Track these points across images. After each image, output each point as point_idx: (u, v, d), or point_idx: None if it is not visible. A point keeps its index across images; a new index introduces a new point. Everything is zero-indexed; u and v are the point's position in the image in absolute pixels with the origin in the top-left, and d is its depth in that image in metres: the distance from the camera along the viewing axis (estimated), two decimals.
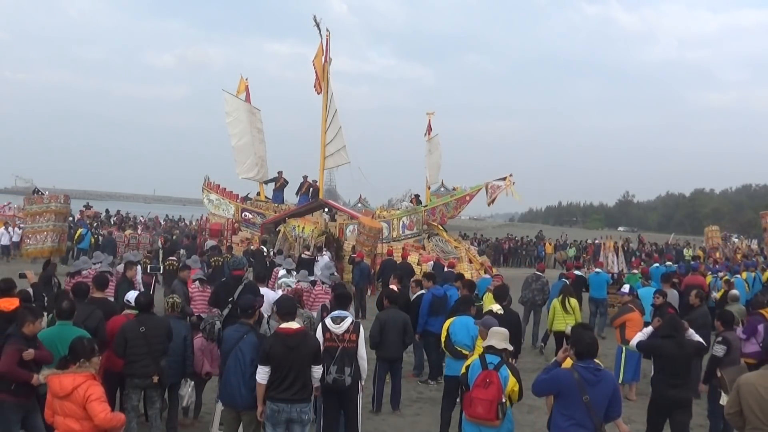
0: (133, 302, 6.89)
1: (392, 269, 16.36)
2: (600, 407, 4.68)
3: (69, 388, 4.69)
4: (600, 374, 4.73)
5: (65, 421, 4.74)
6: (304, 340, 5.68)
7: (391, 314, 8.17)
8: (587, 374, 4.68)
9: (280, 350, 5.54)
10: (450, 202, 24.26)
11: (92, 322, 6.50)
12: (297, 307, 6.38)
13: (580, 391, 4.62)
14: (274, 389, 5.57)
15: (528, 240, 39.08)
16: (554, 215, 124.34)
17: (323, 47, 22.59)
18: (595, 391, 4.66)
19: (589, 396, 4.62)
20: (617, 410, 4.82)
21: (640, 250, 36.32)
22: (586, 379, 4.66)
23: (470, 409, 5.38)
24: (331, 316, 6.42)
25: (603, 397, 4.70)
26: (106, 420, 4.68)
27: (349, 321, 6.29)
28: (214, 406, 7.06)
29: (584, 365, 4.73)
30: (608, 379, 4.80)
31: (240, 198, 27.34)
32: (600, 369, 4.77)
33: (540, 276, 13.22)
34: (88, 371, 4.80)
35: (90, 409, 4.64)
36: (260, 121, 26.64)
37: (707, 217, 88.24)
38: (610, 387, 4.77)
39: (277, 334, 5.71)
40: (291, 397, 5.55)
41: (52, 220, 13.48)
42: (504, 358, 5.56)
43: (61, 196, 14.16)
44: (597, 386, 4.67)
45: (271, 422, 5.59)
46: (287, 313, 5.79)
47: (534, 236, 41.50)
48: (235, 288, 8.81)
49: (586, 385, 4.64)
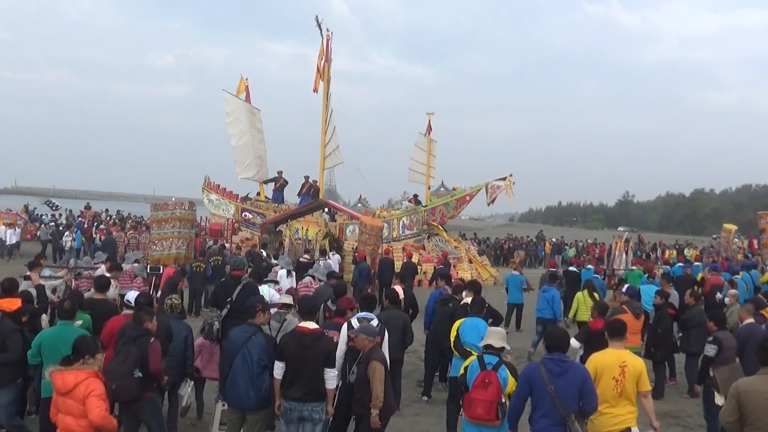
0: (133, 302, 6.90)
1: (390, 268, 16.45)
2: (567, 398, 4.81)
3: (71, 385, 4.69)
4: (565, 365, 4.91)
5: (64, 418, 4.74)
6: (318, 340, 5.74)
7: (391, 315, 8.13)
8: (552, 365, 4.91)
9: (294, 348, 5.64)
10: (450, 202, 24.29)
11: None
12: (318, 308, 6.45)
13: (545, 382, 4.83)
14: (286, 387, 5.67)
15: (528, 240, 39.12)
16: (554, 215, 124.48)
17: (324, 47, 22.61)
18: (561, 381, 4.83)
19: (554, 386, 4.80)
20: (591, 403, 4.90)
21: (641, 250, 36.44)
22: (551, 370, 4.88)
23: (470, 410, 5.39)
24: (358, 317, 6.51)
25: (570, 387, 4.83)
26: (100, 416, 4.66)
27: (375, 323, 6.37)
28: (213, 406, 7.07)
29: (550, 357, 4.96)
30: (576, 371, 4.94)
31: (240, 198, 27.35)
32: (565, 361, 4.96)
33: (554, 272, 14.00)
34: (92, 368, 4.80)
35: (88, 403, 4.63)
36: (260, 121, 26.67)
37: (707, 217, 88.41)
38: (578, 379, 4.88)
39: (293, 332, 5.83)
40: (303, 396, 5.62)
41: (177, 227, 13.59)
42: (502, 358, 5.58)
43: (186, 203, 14.34)
44: (562, 377, 4.84)
45: (284, 419, 5.73)
46: (308, 312, 5.94)
47: (534, 236, 41.53)
48: (234, 288, 8.81)
49: (551, 376, 4.85)
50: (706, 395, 7.41)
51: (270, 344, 5.91)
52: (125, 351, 5.62)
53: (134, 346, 5.67)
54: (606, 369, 5.19)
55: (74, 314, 6.43)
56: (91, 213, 32.01)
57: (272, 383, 5.77)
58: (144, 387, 5.72)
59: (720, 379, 6.90)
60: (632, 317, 8.81)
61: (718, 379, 6.95)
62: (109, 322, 6.75)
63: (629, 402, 5.23)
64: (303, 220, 25.03)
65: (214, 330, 7.66)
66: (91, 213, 32.10)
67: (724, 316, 7.89)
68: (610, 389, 5.17)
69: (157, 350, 5.81)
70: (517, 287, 14.44)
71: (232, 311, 8.04)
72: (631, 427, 5.19)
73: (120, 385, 5.41)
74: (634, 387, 5.24)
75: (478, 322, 7.36)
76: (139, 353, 5.64)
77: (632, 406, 5.25)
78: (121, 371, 5.49)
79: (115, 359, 5.62)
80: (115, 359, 5.62)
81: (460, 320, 7.50)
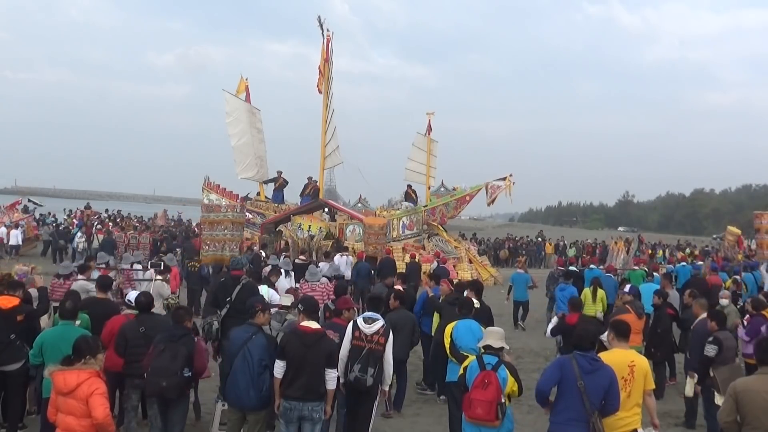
0: (134, 302, 6.89)
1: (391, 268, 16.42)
2: (594, 396, 4.89)
3: (73, 384, 4.67)
4: (597, 364, 5.00)
5: (65, 419, 4.72)
6: (320, 340, 5.76)
7: (401, 315, 8.09)
8: (584, 362, 4.98)
9: (296, 347, 5.65)
10: (450, 202, 24.28)
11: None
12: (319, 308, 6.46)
13: (576, 377, 4.90)
14: (287, 386, 5.68)
15: (529, 240, 39.10)
16: (554, 215, 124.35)
17: (325, 48, 22.62)
18: (590, 379, 4.91)
19: (584, 383, 4.88)
20: (614, 404, 4.98)
21: (641, 250, 36.37)
22: (582, 367, 4.95)
23: (470, 410, 5.38)
24: (363, 316, 6.49)
25: (598, 387, 4.91)
26: (104, 415, 4.65)
27: (380, 324, 6.33)
28: (213, 407, 7.06)
29: (583, 354, 5.02)
30: (606, 372, 5.00)
31: (240, 198, 27.32)
32: (597, 360, 5.04)
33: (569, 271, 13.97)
34: (93, 368, 4.79)
35: (91, 401, 4.61)
36: (260, 121, 26.61)
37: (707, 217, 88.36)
38: (606, 379, 4.96)
39: (295, 331, 5.84)
40: (303, 395, 5.63)
41: (229, 229, 14.07)
42: (501, 358, 5.58)
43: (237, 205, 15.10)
44: (592, 375, 4.92)
45: (284, 419, 5.74)
46: (311, 312, 5.95)
47: (534, 236, 41.50)
48: (233, 288, 8.80)
49: (582, 373, 4.92)
50: (706, 395, 7.41)
51: (271, 344, 5.91)
52: (173, 349, 5.70)
53: (181, 345, 5.75)
54: (615, 370, 5.18)
55: (75, 314, 6.44)
56: (91, 213, 32.00)
57: (273, 383, 5.77)
58: (188, 385, 5.97)
59: (720, 380, 6.90)
60: (635, 317, 8.84)
61: (718, 379, 6.95)
62: (109, 322, 6.76)
63: (636, 403, 5.25)
64: (306, 216, 24.95)
65: (214, 330, 7.66)
66: (91, 213, 32.10)
67: (725, 315, 7.88)
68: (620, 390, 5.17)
69: (202, 349, 6.05)
70: (523, 285, 14.98)
71: (232, 311, 8.02)
72: (637, 428, 5.21)
73: (171, 383, 5.59)
74: (641, 387, 5.27)
75: (471, 323, 7.21)
76: (187, 352, 5.74)
77: (638, 407, 5.28)
78: (172, 369, 5.62)
79: (162, 357, 5.69)
80: (161, 357, 5.69)
81: (452, 324, 7.29)
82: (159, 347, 5.78)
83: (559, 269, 14.52)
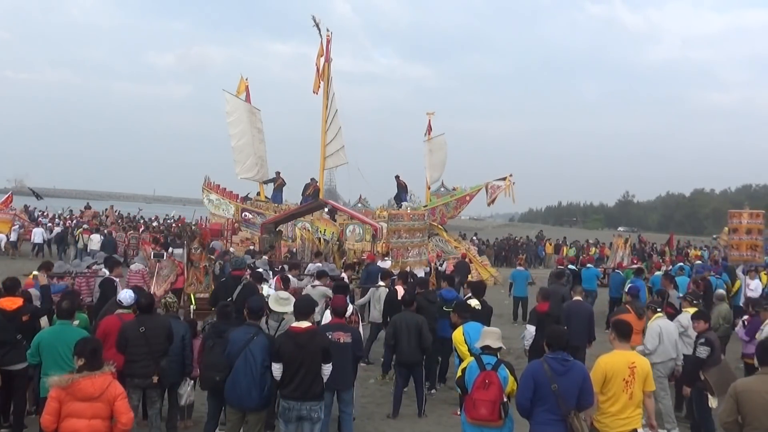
0: (125, 302, 6.83)
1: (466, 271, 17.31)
2: (569, 396, 4.89)
3: (104, 388, 4.59)
4: (568, 365, 4.98)
5: (90, 422, 4.55)
6: (313, 338, 5.77)
7: (404, 317, 8.03)
8: (556, 365, 4.96)
9: (290, 348, 5.66)
10: (450, 202, 24.28)
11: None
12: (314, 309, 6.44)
13: (549, 381, 4.89)
14: (284, 387, 5.70)
15: (528, 240, 39.08)
16: (554, 215, 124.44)
17: (323, 47, 22.60)
18: (564, 380, 4.91)
19: (558, 385, 4.88)
20: (588, 399, 5.00)
21: (641, 249, 36.36)
22: (555, 369, 4.94)
23: (473, 411, 5.36)
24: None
25: (572, 386, 4.92)
26: (130, 420, 4.67)
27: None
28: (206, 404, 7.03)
29: (553, 356, 5.02)
30: (578, 371, 5.01)
31: (240, 198, 27.33)
32: (568, 360, 5.02)
33: (563, 270, 14.81)
34: (111, 370, 4.76)
35: (119, 406, 4.59)
36: (260, 121, 26.61)
37: (707, 217, 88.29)
38: (579, 377, 4.97)
39: (287, 333, 5.86)
40: (301, 395, 5.64)
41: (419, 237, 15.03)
42: (500, 358, 5.59)
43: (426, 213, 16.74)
44: (565, 376, 4.92)
45: (283, 419, 5.76)
46: (303, 314, 5.95)
47: (534, 236, 41.47)
48: (234, 288, 8.81)
49: (555, 375, 4.91)
50: (698, 398, 7.25)
51: (272, 344, 5.90)
52: (222, 345, 5.94)
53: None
54: (617, 372, 5.20)
55: (73, 314, 6.45)
56: (91, 213, 31.97)
57: (274, 383, 5.79)
58: None
59: (711, 382, 6.77)
60: (635, 317, 8.84)
61: (710, 381, 6.82)
62: (102, 322, 6.75)
63: (636, 403, 5.25)
64: (322, 220, 24.98)
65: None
66: (91, 213, 32.06)
67: (709, 315, 7.84)
68: (620, 391, 5.18)
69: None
70: (523, 282, 15.79)
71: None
72: (637, 428, 5.21)
73: (223, 376, 5.82)
74: (642, 387, 5.27)
75: (478, 326, 7.10)
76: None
77: (638, 407, 5.28)
78: (225, 363, 5.83)
79: (213, 353, 6.07)
80: (212, 353, 6.07)
81: (460, 328, 7.25)
82: (208, 343, 6.12)
83: (559, 268, 14.81)
